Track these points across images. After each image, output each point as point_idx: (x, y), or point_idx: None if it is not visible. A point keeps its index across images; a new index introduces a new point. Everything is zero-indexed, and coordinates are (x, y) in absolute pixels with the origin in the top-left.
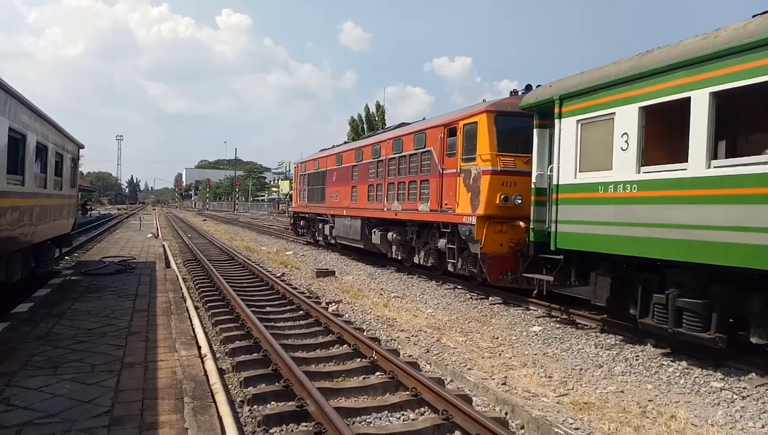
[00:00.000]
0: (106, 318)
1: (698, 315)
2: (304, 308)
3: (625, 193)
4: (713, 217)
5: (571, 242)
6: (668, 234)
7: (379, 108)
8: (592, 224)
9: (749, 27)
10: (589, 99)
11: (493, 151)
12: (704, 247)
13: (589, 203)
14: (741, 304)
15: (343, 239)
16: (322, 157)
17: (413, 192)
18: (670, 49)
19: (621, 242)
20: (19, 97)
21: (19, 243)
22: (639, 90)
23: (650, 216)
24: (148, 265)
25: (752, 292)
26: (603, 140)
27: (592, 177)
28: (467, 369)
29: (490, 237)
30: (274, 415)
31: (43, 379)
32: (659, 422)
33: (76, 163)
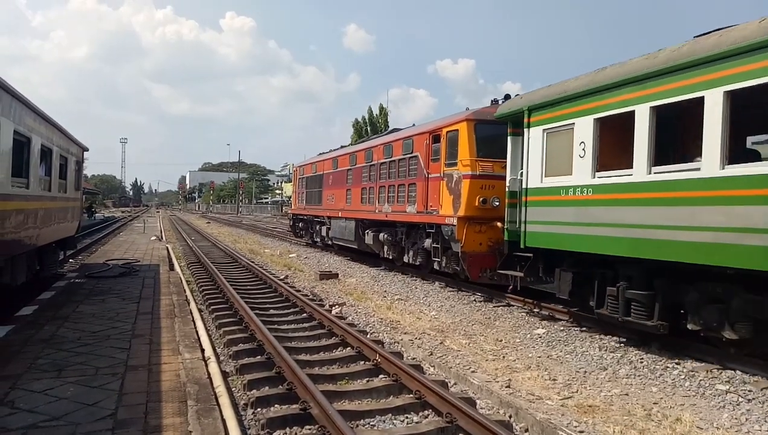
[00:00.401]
0: (110, 321)
1: (644, 305)
2: (307, 311)
3: (583, 196)
4: (653, 218)
5: (539, 241)
6: (618, 233)
7: (382, 110)
8: (555, 224)
9: (683, 49)
10: (554, 110)
11: (473, 156)
12: (646, 244)
13: (553, 205)
14: (680, 295)
15: (338, 240)
16: (320, 161)
17: (402, 195)
18: (619, 67)
19: (580, 241)
20: (24, 101)
21: (24, 246)
22: (594, 103)
23: (603, 216)
24: (152, 268)
25: (688, 285)
26: (564, 148)
27: (556, 181)
28: (471, 372)
29: (470, 237)
30: (277, 418)
31: (48, 382)
32: (664, 425)
33: (80, 166)
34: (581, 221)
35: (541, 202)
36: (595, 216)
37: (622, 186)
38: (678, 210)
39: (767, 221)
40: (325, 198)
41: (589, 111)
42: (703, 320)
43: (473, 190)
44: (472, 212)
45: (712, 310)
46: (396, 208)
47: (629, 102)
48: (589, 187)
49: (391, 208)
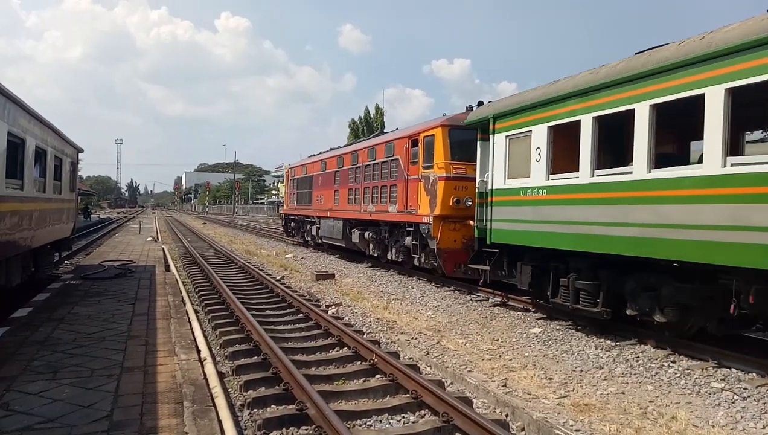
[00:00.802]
0: (105, 322)
1: (590, 293)
2: (303, 311)
3: (539, 196)
4: (595, 216)
5: (503, 237)
6: (567, 229)
7: (378, 110)
8: (516, 222)
9: (618, 66)
10: (515, 118)
11: (447, 159)
12: (590, 239)
13: (514, 205)
14: (621, 285)
15: (327, 239)
16: (310, 163)
17: (384, 195)
18: (568, 81)
19: (537, 237)
20: (18, 102)
21: (19, 247)
22: (547, 112)
23: (555, 215)
24: (147, 269)
25: (627, 275)
26: (524, 153)
27: (517, 183)
28: (467, 371)
29: (445, 234)
30: (274, 419)
31: (43, 384)
32: (660, 423)
33: (75, 167)
34: (537, 219)
35: (505, 202)
36: (549, 214)
37: (571, 187)
38: (614, 208)
39: (685, 218)
40: (314, 199)
41: (543, 120)
42: (639, 306)
43: (447, 191)
44: (447, 211)
45: (646, 297)
46: (379, 208)
47: (576, 112)
48: (544, 189)
49: (374, 208)
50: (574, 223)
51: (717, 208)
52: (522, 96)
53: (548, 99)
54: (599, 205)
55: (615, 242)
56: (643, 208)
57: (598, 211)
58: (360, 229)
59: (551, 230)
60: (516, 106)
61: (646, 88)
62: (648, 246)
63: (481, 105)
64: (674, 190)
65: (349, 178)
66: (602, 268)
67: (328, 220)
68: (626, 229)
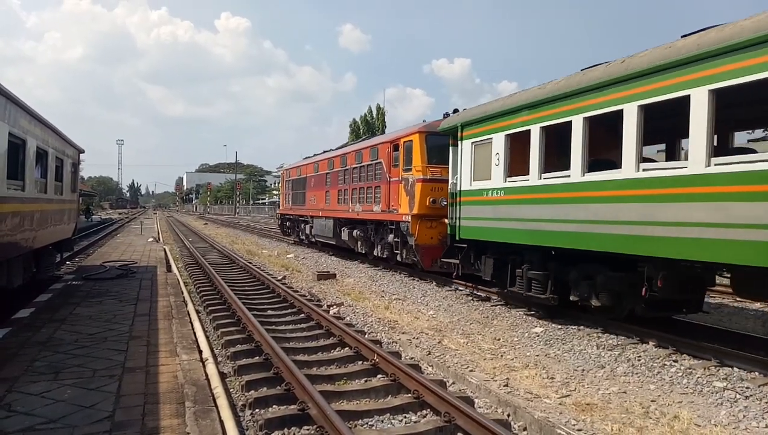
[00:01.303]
0: (107, 323)
1: (540, 282)
2: (305, 311)
3: (498, 196)
4: (543, 213)
5: (469, 233)
6: (521, 226)
7: (379, 110)
8: (480, 220)
9: (560, 83)
10: (479, 127)
11: (424, 163)
12: (539, 235)
13: (478, 204)
14: (566, 274)
15: (320, 237)
16: (303, 165)
17: (370, 196)
18: (521, 94)
19: (496, 233)
20: (19, 102)
21: (20, 248)
22: (505, 122)
23: (511, 213)
24: (149, 270)
25: (571, 266)
26: (486, 157)
27: (480, 185)
28: (469, 371)
29: (422, 232)
30: (275, 419)
31: (45, 385)
32: (662, 422)
33: (76, 168)
34: (497, 217)
35: (471, 201)
36: (506, 213)
37: (523, 189)
38: (558, 207)
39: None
40: (308, 199)
41: (502, 128)
42: (580, 293)
43: (424, 191)
44: (424, 211)
45: (585, 285)
46: (365, 208)
47: (527, 122)
48: (502, 190)
49: (361, 207)
50: (527, 220)
51: (633, 207)
52: (485, 107)
53: (505, 110)
54: (546, 204)
55: (559, 237)
56: (579, 206)
57: (545, 209)
58: (349, 227)
59: (508, 227)
60: (480, 115)
61: (580, 103)
62: (584, 240)
63: (457, 112)
64: (601, 191)
65: (338, 179)
66: (551, 260)
67: (321, 219)
68: (568, 225)
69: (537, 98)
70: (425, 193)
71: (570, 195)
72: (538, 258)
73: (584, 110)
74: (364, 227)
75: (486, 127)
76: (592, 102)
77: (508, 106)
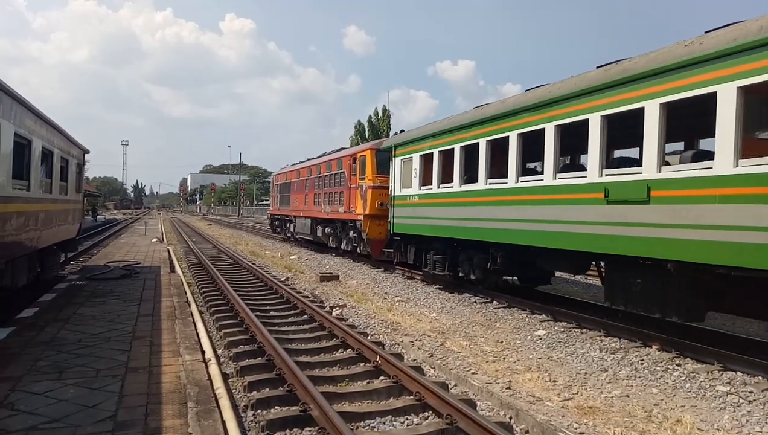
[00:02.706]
0: (110, 323)
1: (441, 264)
2: (308, 312)
3: (415, 200)
4: (440, 213)
5: (400, 229)
6: (429, 222)
7: (385, 112)
8: (406, 218)
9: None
10: (404, 148)
11: (374, 174)
12: (438, 228)
13: (405, 206)
14: (457, 257)
15: (300, 234)
16: (289, 171)
17: (336, 199)
18: (430, 126)
19: (416, 228)
20: (25, 103)
21: (25, 248)
22: (419, 145)
23: (423, 213)
24: (152, 270)
25: (462, 251)
26: (409, 171)
27: (405, 191)
28: (471, 373)
29: (372, 228)
30: (277, 420)
31: (48, 384)
32: (665, 426)
33: (81, 168)
34: (415, 216)
35: (400, 204)
36: (420, 213)
37: (429, 195)
38: (448, 208)
39: (474, 214)
40: (291, 201)
41: (417, 150)
42: (464, 270)
43: (374, 196)
44: (373, 211)
45: (467, 264)
46: (333, 209)
47: (432, 147)
48: (418, 195)
49: (330, 209)
50: (432, 218)
51: (485, 209)
52: (408, 134)
53: (419, 137)
54: (441, 206)
55: (450, 230)
56: (457, 208)
57: (441, 210)
58: (322, 225)
59: (422, 223)
60: (405, 139)
61: (457, 136)
62: (463, 232)
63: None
64: (470, 197)
65: (314, 185)
66: (448, 247)
67: (302, 218)
68: (453, 221)
69: (435, 130)
70: (374, 198)
71: (453, 200)
72: (440, 246)
73: (518, 128)
74: (333, 225)
75: (408, 149)
76: (526, 121)
77: (421, 135)
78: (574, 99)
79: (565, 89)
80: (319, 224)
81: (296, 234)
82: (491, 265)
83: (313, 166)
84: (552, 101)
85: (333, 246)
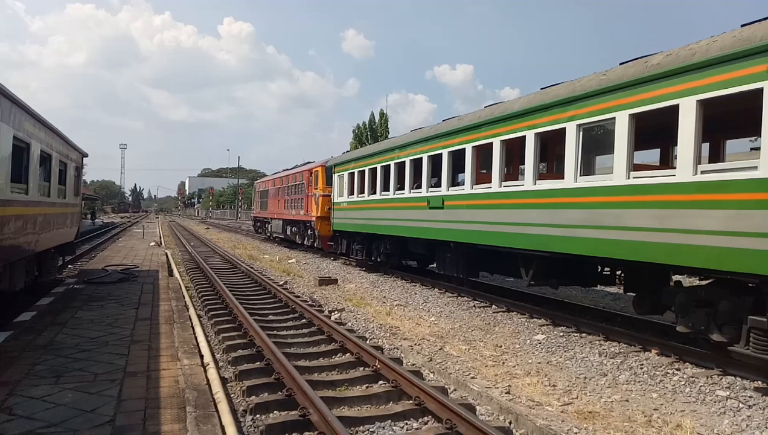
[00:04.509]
0: (109, 327)
1: (362, 251)
2: (306, 316)
3: (345, 206)
4: (360, 214)
5: (338, 227)
6: (352, 221)
7: (383, 116)
8: (341, 219)
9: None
10: (339, 167)
11: (323, 185)
12: (365, 226)
13: (340, 210)
14: (374, 245)
15: (276, 233)
16: (268, 180)
17: (299, 204)
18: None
19: (346, 226)
20: (24, 106)
21: (23, 251)
22: (349, 166)
23: (352, 215)
24: (150, 274)
25: (378, 241)
26: (343, 184)
27: (341, 199)
28: (471, 378)
29: (322, 227)
30: (276, 425)
31: (46, 389)
32: (665, 431)
33: (79, 172)
34: (346, 217)
35: (338, 208)
36: (348, 215)
37: (353, 201)
38: (364, 211)
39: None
40: (269, 206)
41: (349, 169)
42: (374, 254)
43: (324, 202)
44: (323, 214)
45: (379, 251)
46: (297, 212)
47: (354, 168)
48: (347, 202)
49: (295, 212)
50: (355, 218)
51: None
52: (342, 157)
53: (347, 160)
54: (360, 210)
55: (366, 227)
56: (370, 211)
57: (360, 213)
58: (290, 225)
59: (350, 223)
60: (339, 161)
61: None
62: (373, 228)
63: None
64: (375, 204)
65: (285, 192)
66: (367, 239)
67: (276, 220)
68: (368, 220)
69: (356, 156)
70: (324, 204)
71: (367, 206)
72: (360, 239)
73: (367, 166)
74: (298, 225)
75: (341, 168)
76: (370, 162)
77: (348, 158)
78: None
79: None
80: (288, 224)
81: (273, 233)
82: (384, 250)
83: (284, 177)
84: (402, 145)
85: (299, 242)
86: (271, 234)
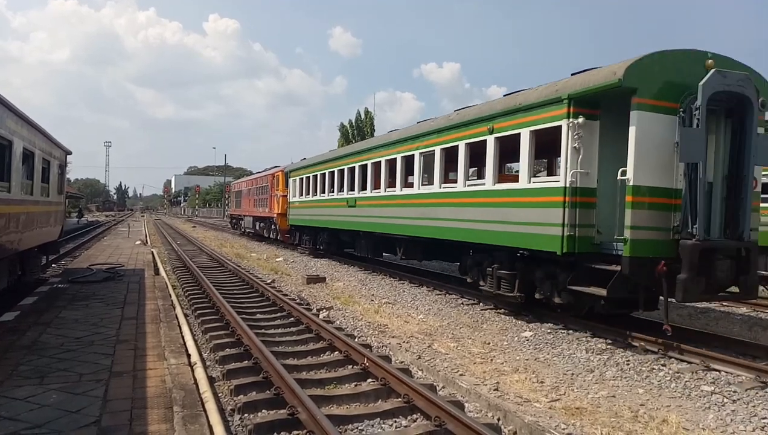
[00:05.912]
0: (94, 326)
1: (310, 241)
2: (294, 315)
3: (299, 204)
4: (309, 211)
5: (293, 222)
6: (304, 218)
7: (368, 114)
8: (295, 216)
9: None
10: (294, 173)
11: (283, 187)
12: (309, 220)
13: (295, 208)
14: (318, 236)
15: (248, 228)
16: (242, 181)
17: (265, 203)
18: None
19: (300, 220)
20: (6, 103)
21: (5, 251)
22: (302, 172)
23: (302, 212)
24: (136, 273)
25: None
26: (297, 186)
27: (293, 199)
28: (459, 375)
29: (281, 222)
30: (265, 424)
31: (30, 389)
32: (651, 426)
33: (63, 170)
34: (299, 214)
35: (293, 206)
36: (300, 212)
37: (303, 201)
38: (314, 209)
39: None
40: (242, 204)
41: (299, 175)
42: (320, 243)
43: (283, 202)
44: (283, 211)
45: (322, 241)
46: (263, 210)
47: (304, 174)
48: (299, 201)
49: (262, 210)
50: (305, 215)
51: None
52: (296, 164)
53: (299, 167)
54: (309, 208)
55: (316, 222)
56: (314, 209)
57: (309, 210)
58: (259, 221)
59: (301, 218)
60: (294, 168)
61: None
62: (321, 222)
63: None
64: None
65: (255, 192)
66: (314, 231)
67: (248, 217)
68: (316, 217)
69: (304, 164)
70: (284, 203)
71: (311, 205)
72: (309, 231)
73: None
74: (265, 221)
75: (295, 174)
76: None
77: (300, 166)
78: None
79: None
80: (257, 220)
81: (245, 228)
82: (323, 240)
83: (254, 180)
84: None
85: (267, 236)
86: (244, 229)
